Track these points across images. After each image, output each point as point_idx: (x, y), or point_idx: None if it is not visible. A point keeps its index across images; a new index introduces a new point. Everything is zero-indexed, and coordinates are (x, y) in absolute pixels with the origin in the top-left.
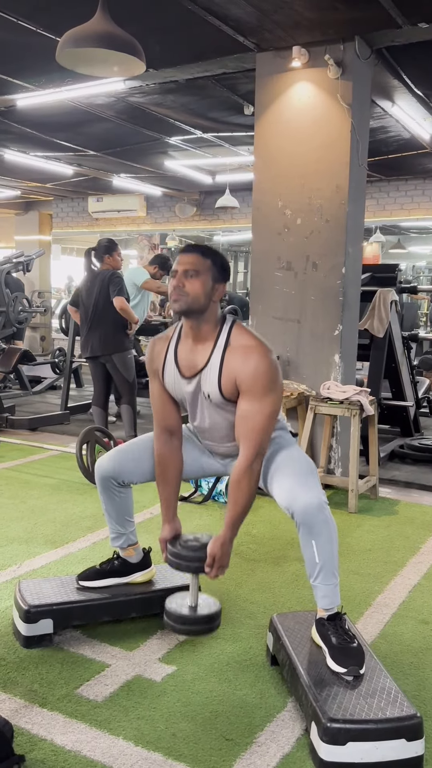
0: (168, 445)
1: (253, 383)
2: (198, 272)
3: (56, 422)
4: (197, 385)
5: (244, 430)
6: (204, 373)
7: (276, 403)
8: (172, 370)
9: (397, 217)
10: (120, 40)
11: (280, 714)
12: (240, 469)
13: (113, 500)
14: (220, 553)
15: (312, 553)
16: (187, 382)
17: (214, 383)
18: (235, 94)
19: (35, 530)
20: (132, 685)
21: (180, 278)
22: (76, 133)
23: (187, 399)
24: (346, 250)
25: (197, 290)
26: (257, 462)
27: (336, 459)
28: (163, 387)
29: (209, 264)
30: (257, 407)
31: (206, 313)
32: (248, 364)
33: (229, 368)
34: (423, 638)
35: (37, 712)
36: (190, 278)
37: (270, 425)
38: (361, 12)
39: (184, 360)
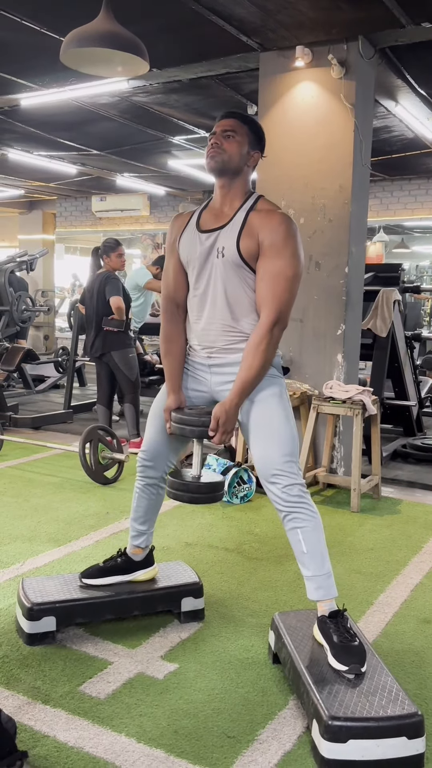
0: (174, 319)
1: (275, 239)
2: (236, 133)
3: (59, 421)
4: (214, 241)
5: (266, 292)
6: (224, 230)
7: (297, 267)
8: (191, 229)
9: (401, 216)
10: (124, 40)
11: (282, 712)
12: (260, 333)
13: (150, 497)
14: (225, 417)
15: (299, 542)
16: (205, 237)
17: (233, 238)
18: (238, 93)
19: (38, 528)
20: (134, 682)
21: (218, 137)
22: (79, 132)
23: (198, 259)
24: (350, 249)
25: (234, 150)
26: (277, 329)
27: (339, 458)
28: (178, 261)
29: (247, 129)
30: (279, 266)
31: (239, 176)
32: (272, 221)
33: (251, 226)
34: (424, 637)
35: (40, 708)
36: (228, 138)
37: (292, 290)
38: (365, 12)
39: (207, 220)
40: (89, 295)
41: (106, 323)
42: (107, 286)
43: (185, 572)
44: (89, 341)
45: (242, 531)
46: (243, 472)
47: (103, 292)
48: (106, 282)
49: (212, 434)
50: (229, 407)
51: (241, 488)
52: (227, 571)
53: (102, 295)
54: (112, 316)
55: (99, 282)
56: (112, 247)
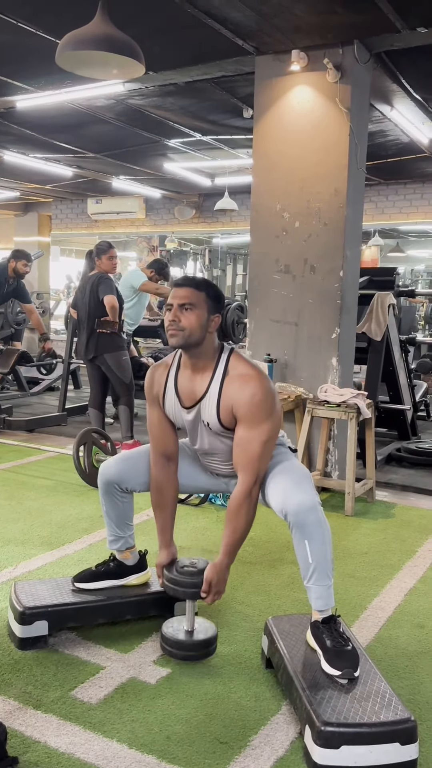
0: (165, 471)
1: (249, 411)
2: (193, 305)
3: (54, 423)
4: (197, 414)
5: (242, 458)
6: (203, 403)
7: (273, 430)
8: (172, 399)
9: (396, 220)
10: (119, 43)
11: (275, 717)
12: (238, 497)
13: (115, 505)
14: (217, 579)
15: (305, 554)
16: (187, 412)
17: (213, 413)
18: (234, 96)
19: (32, 532)
20: (126, 687)
21: (175, 312)
22: (75, 134)
23: (187, 426)
24: (345, 253)
25: (193, 324)
26: (255, 489)
27: (333, 462)
28: (162, 413)
29: (203, 296)
30: (254, 435)
31: (203, 345)
32: (245, 392)
33: (227, 397)
34: (418, 642)
35: (31, 714)
36: (185, 311)
37: (267, 452)
38: (361, 16)
39: (184, 389)
40: (81, 296)
41: (99, 325)
42: (100, 286)
43: None
44: (82, 343)
45: None
46: None
47: (96, 292)
48: (99, 282)
49: (204, 596)
50: (221, 569)
51: None
52: None
53: (95, 296)
54: (105, 317)
55: (91, 283)
56: (103, 249)
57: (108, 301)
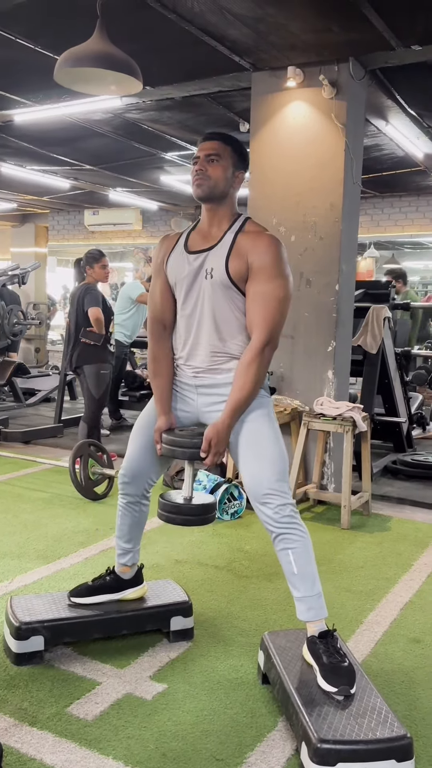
0: (161, 340)
1: (264, 261)
2: (219, 157)
3: (50, 435)
4: (202, 262)
5: (258, 314)
6: (213, 251)
7: (287, 289)
8: (179, 250)
9: (391, 233)
10: (117, 60)
11: (271, 734)
12: (251, 353)
13: (133, 514)
14: (217, 438)
15: (289, 563)
16: (193, 258)
17: (221, 259)
18: (230, 111)
19: (27, 545)
20: (122, 703)
21: (202, 163)
22: (73, 147)
23: (186, 280)
24: (340, 267)
25: (219, 175)
26: (268, 349)
27: (329, 475)
28: (165, 283)
29: (230, 150)
30: (270, 288)
31: (226, 200)
32: (260, 243)
33: (240, 248)
34: (414, 657)
35: (26, 731)
36: (212, 163)
37: (282, 311)
38: (356, 34)
39: (195, 241)
40: (71, 307)
41: (84, 335)
42: (85, 297)
43: (174, 591)
44: (67, 353)
45: (232, 548)
46: (233, 489)
47: (82, 304)
48: (85, 293)
49: (204, 455)
50: (221, 428)
51: (231, 505)
52: (217, 589)
53: (81, 308)
54: (91, 328)
55: (78, 294)
56: (95, 257)
57: (92, 313)
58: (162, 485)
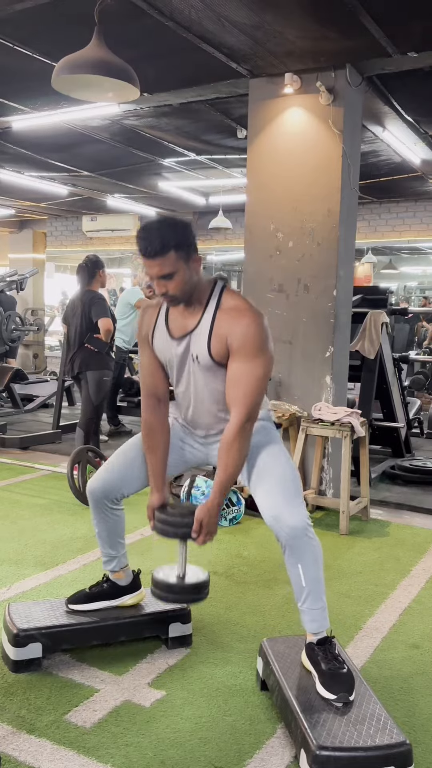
0: (155, 412)
1: (244, 342)
2: (171, 272)
3: (48, 441)
4: (186, 347)
5: (236, 393)
6: (194, 335)
7: (267, 366)
8: (162, 333)
9: (389, 238)
10: (115, 67)
11: (270, 740)
12: (231, 432)
13: (106, 521)
14: (208, 518)
15: (298, 576)
16: (177, 344)
17: (203, 344)
18: (228, 117)
19: (25, 551)
20: (121, 710)
21: (159, 285)
22: (71, 154)
23: (174, 362)
24: (338, 272)
25: (181, 286)
26: (249, 425)
27: (327, 480)
28: (153, 355)
29: (173, 255)
30: (248, 368)
31: (197, 287)
32: (239, 323)
33: (219, 329)
34: (413, 663)
35: (24, 738)
36: (168, 281)
37: (261, 388)
38: (353, 41)
39: (175, 322)
40: (71, 312)
41: (90, 341)
42: (93, 306)
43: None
44: (70, 360)
45: (231, 554)
46: (232, 494)
47: (89, 312)
48: (92, 302)
49: (195, 536)
50: (211, 508)
51: (229, 510)
52: (215, 595)
53: (86, 315)
54: (98, 335)
55: (84, 301)
56: (99, 264)
57: (103, 324)
58: None
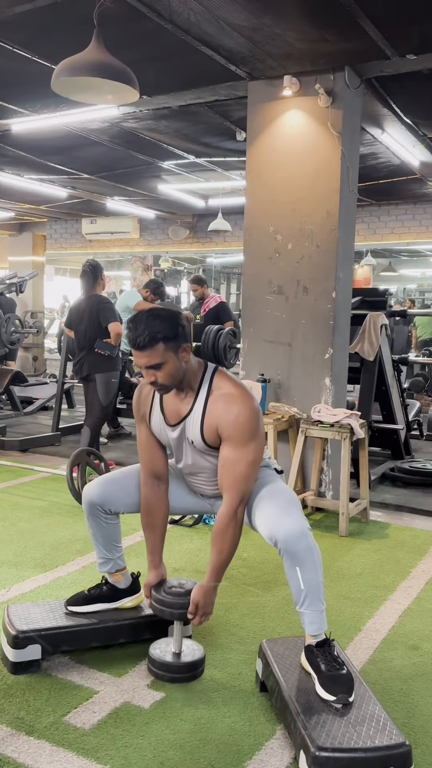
0: (155, 491)
1: (234, 431)
2: (161, 362)
3: (47, 443)
4: (182, 432)
5: (227, 478)
6: (188, 421)
7: (258, 451)
8: (157, 417)
9: (388, 241)
10: (114, 70)
11: (269, 742)
12: (224, 518)
13: (100, 527)
14: (203, 601)
15: (297, 580)
16: (171, 429)
17: (197, 431)
18: (227, 120)
19: (25, 553)
20: (120, 712)
21: (149, 374)
22: (70, 156)
23: (172, 444)
24: (337, 275)
25: (169, 375)
26: (240, 509)
27: (327, 482)
28: (150, 432)
29: (162, 347)
30: (239, 455)
31: (186, 375)
32: (230, 412)
33: (211, 416)
34: (413, 664)
35: (24, 740)
36: (157, 371)
37: (252, 472)
38: (351, 44)
39: (169, 407)
40: (77, 317)
41: (99, 345)
42: (102, 312)
43: None
44: (79, 363)
45: None
46: None
47: (96, 316)
48: (100, 307)
49: (191, 617)
50: (207, 589)
51: None
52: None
53: (95, 319)
54: (107, 339)
55: (91, 305)
56: (101, 268)
57: (113, 328)
58: None
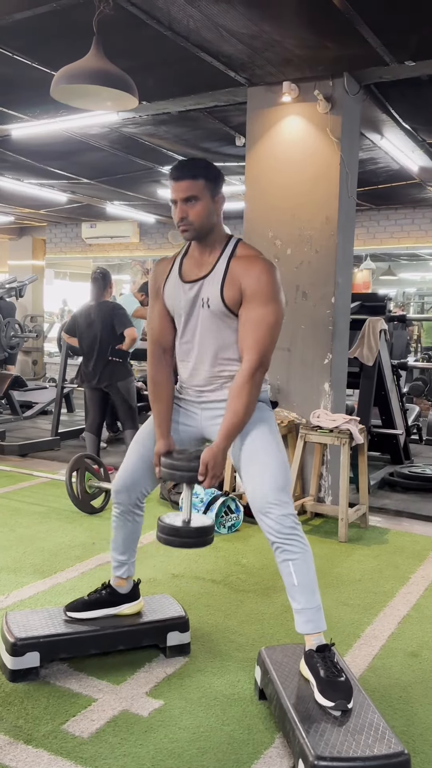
0: (161, 363)
1: (257, 288)
2: (196, 197)
3: (47, 448)
4: (198, 291)
5: (249, 338)
6: (207, 280)
7: (279, 314)
8: (174, 278)
9: (387, 245)
10: (113, 77)
11: (268, 750)
12: (242, 378)
13: (126, 525)
14: (213, 461)
15: (290, 574)
16: (189, 287)
17: (216, 288)
18: (227, 125)
19: (24, 559)
20: (119, 720)
21: (182, 208)
22: (70, 161)
23: (183, 309)
24: (336, 280)
25: (201, 215)
26: (259, 373)
27: (326, 487)
28: (163, 307)
29: (203, 183)
30: (261, 314)
31: (214, 230)
32: (254, 269)
33: (233, 274)
34: (412, 671)
35: (22, 749)
36: (191, 205)
37: (273, 336)
38: (350, 50)
39: (189, 269)
40: (85, 323)
41: (113, 353)
42: (116, 317)
43: (171, 606)
44: (93, 371)
45: (229, 562)
46: (231, 502)
47: (111, 322)
48: (114, 313)
49: (201, 479)
50: (217, 452)
51: (228, 518)
52: (214, 603)
53: (108, 325)
54: (120, 345)
55: (104, 312)
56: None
57: (129, 333)
58: (158, 500)
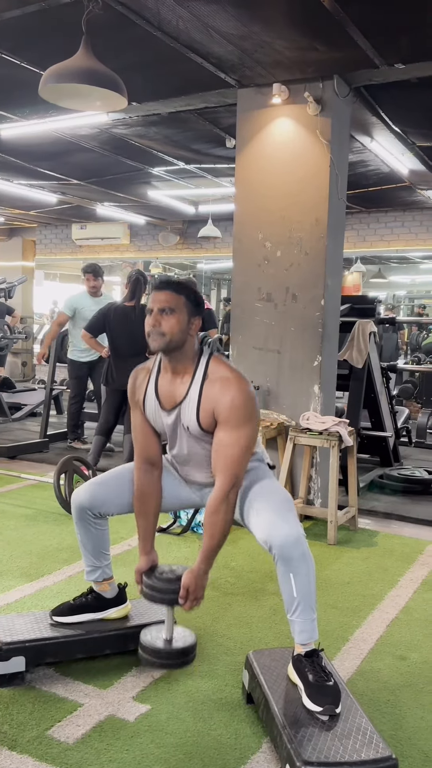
0: (148, 477)
1: (229, 414)
2: (173, 310)
3: (35, 450)
4: (177, 417)
5: (221, 461)
6: (183, 405)
7: (251, 436)
8: (152, 402)
9: (377, 248)
10: (102, 77)
11: (255, 756)
12: (215, 501)
13: (89, 532)
14: (194, 585)
15: (290, 587)
16: (167, 414)
17: (192, 415)
18: (217, 127)
19: (10, 563)
20: (105, 725)
21: (156, 317)
22: (60, 162)
23: (167, 430)
24: (326, 282)
25: (174, 328)
26: (233, 493)
27: (315, 490)
28: (144, 418)
29: (183, 300)
30: (233, 438)
31: (184, 348)
32: (226, 395)
33: (207, 400)
34: (400, 675)
35: (6, 755)
36: (165, 316)
37: (245, 457)
38: (340, 53)
39: (164, 392)
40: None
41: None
42: None
43: (158, 609)
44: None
45: (218, 565)
46: None
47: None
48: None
49: (182, 602)
50: (197, 575)
51: None
52: (202, 606)
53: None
54: None
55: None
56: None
57: None
58: None
